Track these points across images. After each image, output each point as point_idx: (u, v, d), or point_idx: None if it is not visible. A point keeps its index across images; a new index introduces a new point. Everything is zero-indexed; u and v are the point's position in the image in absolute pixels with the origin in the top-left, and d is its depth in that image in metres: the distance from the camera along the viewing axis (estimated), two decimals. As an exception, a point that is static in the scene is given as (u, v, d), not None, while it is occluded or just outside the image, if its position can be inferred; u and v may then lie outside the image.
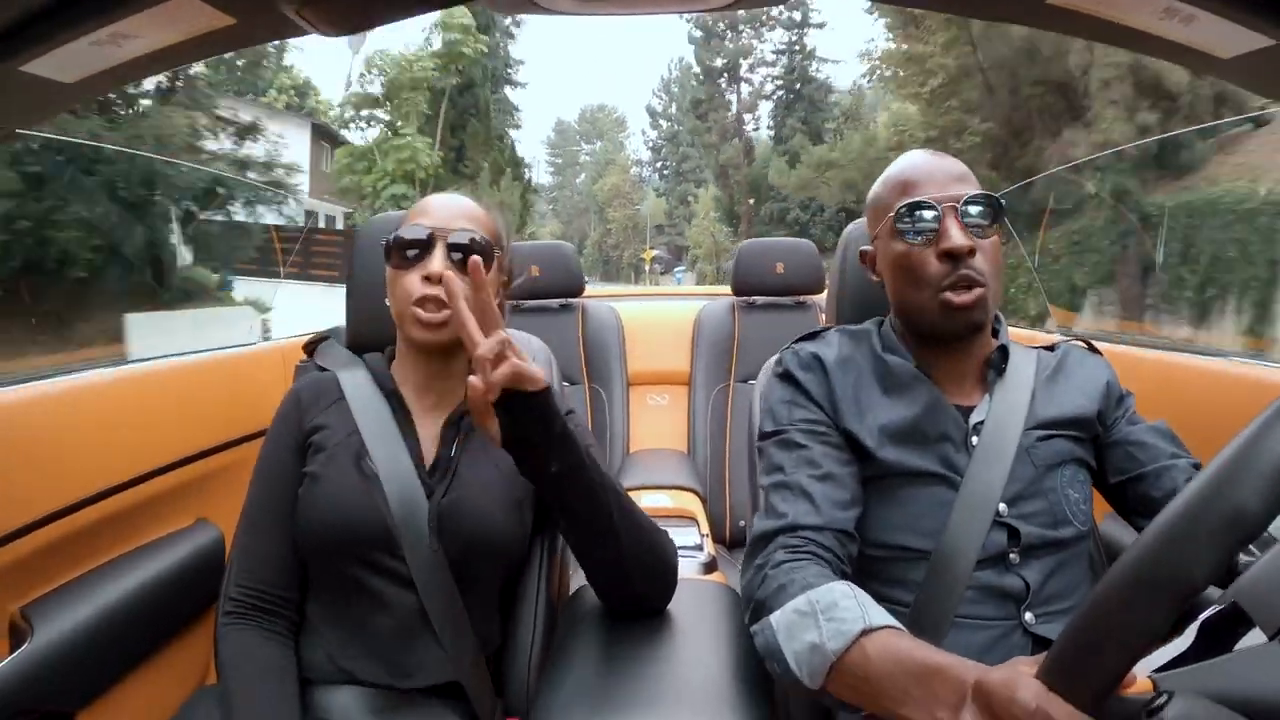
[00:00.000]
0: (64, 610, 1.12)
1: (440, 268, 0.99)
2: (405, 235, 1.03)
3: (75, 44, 0.60)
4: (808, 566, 0.86)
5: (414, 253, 1.02)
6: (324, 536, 1.00)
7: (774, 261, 2.66)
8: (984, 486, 0.93)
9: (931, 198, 0.96)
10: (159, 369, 1.47)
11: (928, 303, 0.97)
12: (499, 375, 0.80)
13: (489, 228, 1.08)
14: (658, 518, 1.04)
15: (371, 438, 1.03)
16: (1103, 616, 0.51)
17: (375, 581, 1.00)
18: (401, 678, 0.98)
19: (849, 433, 0.98)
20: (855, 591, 0.81)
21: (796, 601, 0.82)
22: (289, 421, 1.08)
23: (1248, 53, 0.63)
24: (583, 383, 2.67)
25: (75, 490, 1.16)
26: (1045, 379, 1.02)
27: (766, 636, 0.84)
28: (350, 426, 1.05)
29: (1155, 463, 0.97)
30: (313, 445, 1.06)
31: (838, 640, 0.76)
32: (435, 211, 1.05)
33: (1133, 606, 0.49)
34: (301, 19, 0.66)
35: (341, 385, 1.09)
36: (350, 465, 1.02)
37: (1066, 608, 0.92)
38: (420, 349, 1.05)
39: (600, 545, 0.97)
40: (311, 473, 1.03)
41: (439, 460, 1.05)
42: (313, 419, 1.07)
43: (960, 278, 0.94)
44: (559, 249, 2.76)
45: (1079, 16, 0.65)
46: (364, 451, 1.02)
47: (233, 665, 0.98)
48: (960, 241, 0.93)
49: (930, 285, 0.96)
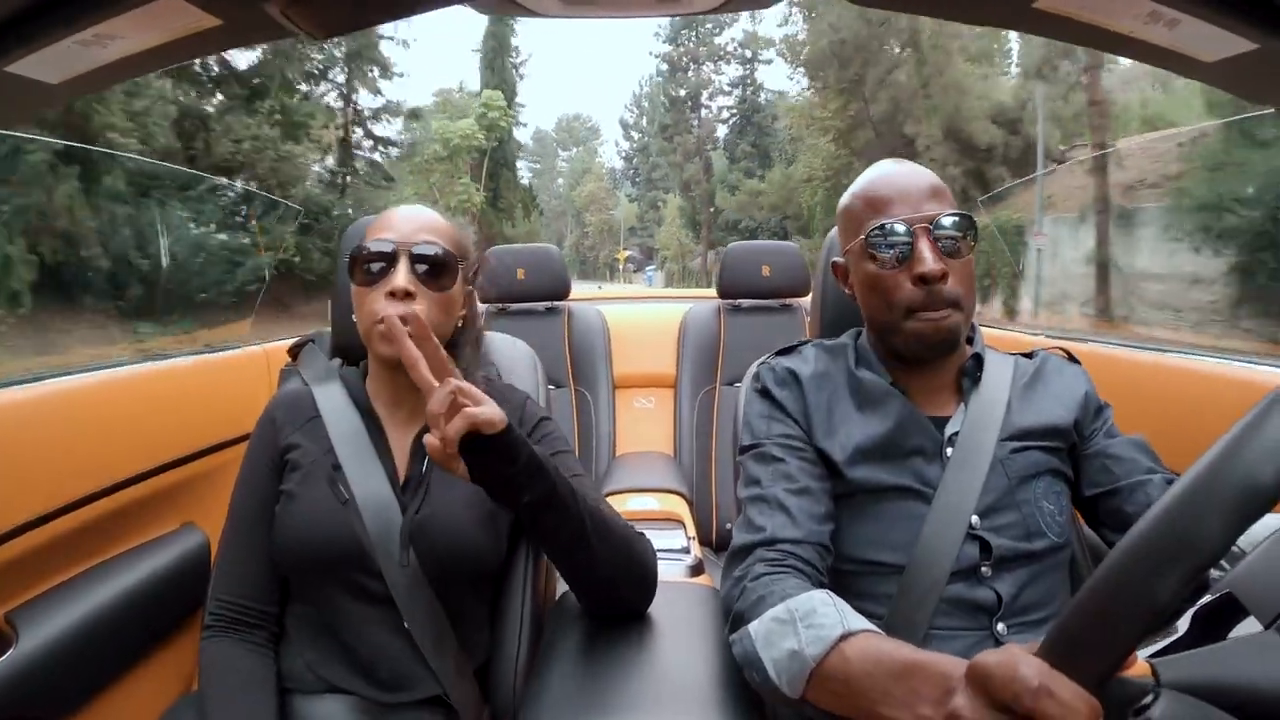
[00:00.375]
0: (49, 616, 1.11)
1: (404, 282, 0.99)
2: (369, 249, 1.02)
3: (60, 44, 0.60)
4: (786, 579, 0.86)
5: (379, 266, 1.01)
6: (301, 556, 1.00)
7: (760, 264, 2.66)
8: (957, 499, 0.93)
9: (904, 218, 0.94)
10: (144, 372, 1.46)
11: (899, 325, 0.96)
12: (453, 430, 0.79)
13: (452, 239, 1.06)
14: (643, 521, 1.05)
15: (346, 456, 1.03)
16: (1111, 589, 0.49)
17: (354, 599, 0.99)
18: (383, 692, 0.98)
19: (821, 450, 0.98)
20: (834, 599, 0.81)
21: (775, 610, 0.82)
22: (265, 440, 1.08)
23: (1230, 56, 0.63)
24: (569, 386, 2.67)
25: (60, 495, 1.15)
26: (1022, 387, 1.01)
27: (745, 645, 0.83)
28: (325, 444, 1.04)
29: (1130, 477, 0.96)
30: (288, 464, 1.05)
31: (817, 646, 0.76)
32: (398, 225, 1.04)
33: (1144, 577, 0.47)
34: (287, 20, 0.66)
35: (317, 402, 1.08)
36: (325, 485, 1.01)
37: (1040, 619, 0.92)
38: (387, 365, 1.04)
39: (576, 557, 0.97)
40: (287, 491, 1.03)
41: (410, 477, 1.05)
42: (287, 437, 1.07)
43: (932, 302, 0.93)
44: (545, 252, 2.75)
45: (1064, 21, 0.65)
46: (339, 470, 1.02)
47: (211, 676, 0.98)
48: (932, 266, 0.92)
49: (901, 308, 0.95)
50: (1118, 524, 0.96)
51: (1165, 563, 0.47)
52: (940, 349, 0.97)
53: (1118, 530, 0.96)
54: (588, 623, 1.06)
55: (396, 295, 0.99)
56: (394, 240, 1.02)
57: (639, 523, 1.05)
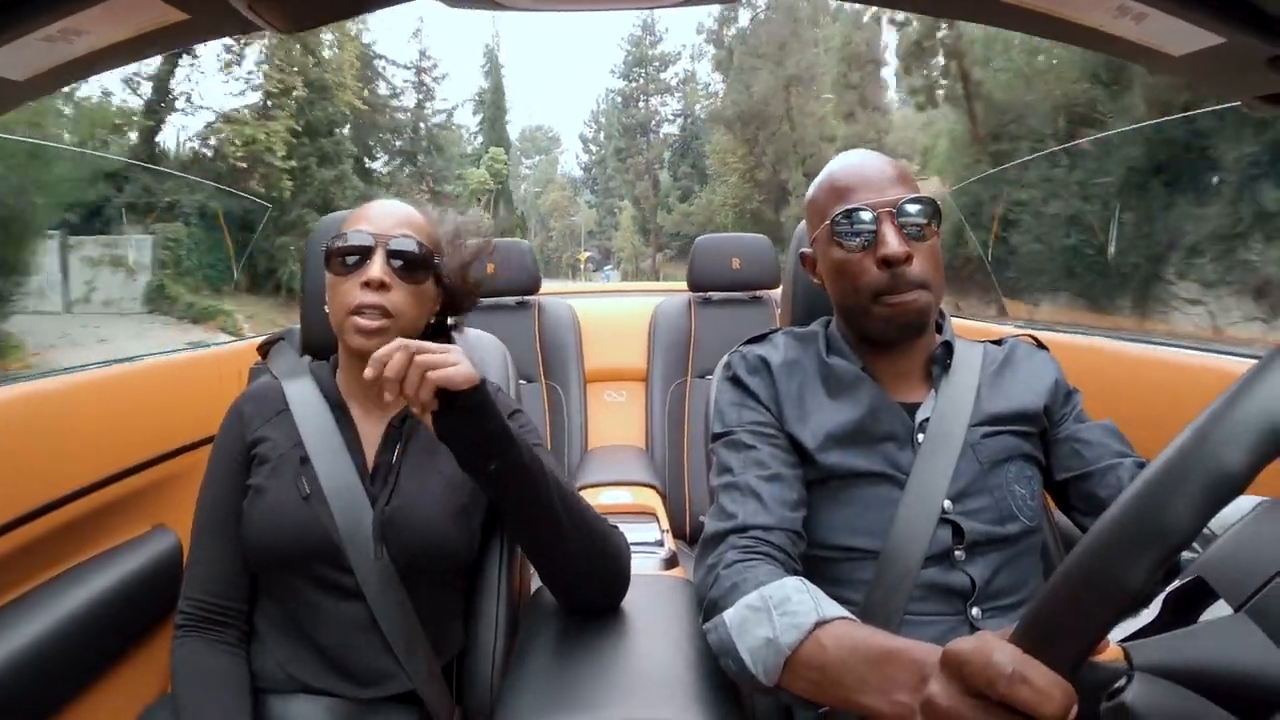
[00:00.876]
0: (18, 624, 1.10)
1: (379, 273, 1.00)
2: (345, 242, 1.02)
3: (24, 40, 0.59)
4: (759, 566, 0.87)
5: (354, 259, 1.01)
6: (269, 550, 0.99)
7: (729, 257, 2.68)
8: (929, 484, 0.93)
9: (867, 203, 0.96)
10: (111, 373, 1.43)
11: (867, 308, 0.97)
12: (425, 394, 0.80)
13: (428, 235, 1.07)
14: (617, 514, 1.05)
15: (315, 449, 1.02)
16: (1083, 574, 0.49)
17: (324, 595, 0.99)
18: (355, 689, 0.97)
19: (792, 436, 0.99)
20: (808, 586, 0.82)
21: (749, 598, 0.82)
22: (232, 434, 1.07)
23: (1198, 50, 0.64)
24: (540, 380, 2.67)
25: (27, 500, 1.13)
26: (991, 374, 1.02)
27: (720, 634, 0.84)
28: (294, 438, 1.04)
29: (1101, 461, 0.97)
30: (256, 457, 1.04)
31: (791, 634, 0.76)
32: (376, 218, 1.04)
33: (1116, 562, 0.47)
34: (255, 14, 0.66)
35: (286, 395, 1.08)
36: (293, 478, 1.01)
37: (1014, 602, 0.94)
38: (360, 356, 1.03)
39: (548, 545, 0.97)
40: (255, 485, 1.02)
41: (378, 467, 1.04)
42: (255, 430, 1.06)
43: (898, 283, 0.94)
44: (515, 246, 2.74)
45: (1035, 15, 0.66)
46: (308, 463, 1.01)
47: (183, 676, 0.97)
48: (897, 249, 0.93)
49: (868, 291, 0.96)
50: (1089, 507, 0.98)
51: (1136, 548, 0.46)
52: (909, 330, 0.98)
53: (1089, 514, 0.98)
54: (563, 618, 1.06)
55: (371, 285, 1.00)
56: (370, 233, 1.02)
57: (612, 516, 1.05)
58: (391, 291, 1.01)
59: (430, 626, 1.02)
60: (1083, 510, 0.99)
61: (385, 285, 1.00)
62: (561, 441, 2.62)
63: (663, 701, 0.87)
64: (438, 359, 0.81)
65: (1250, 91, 0.70)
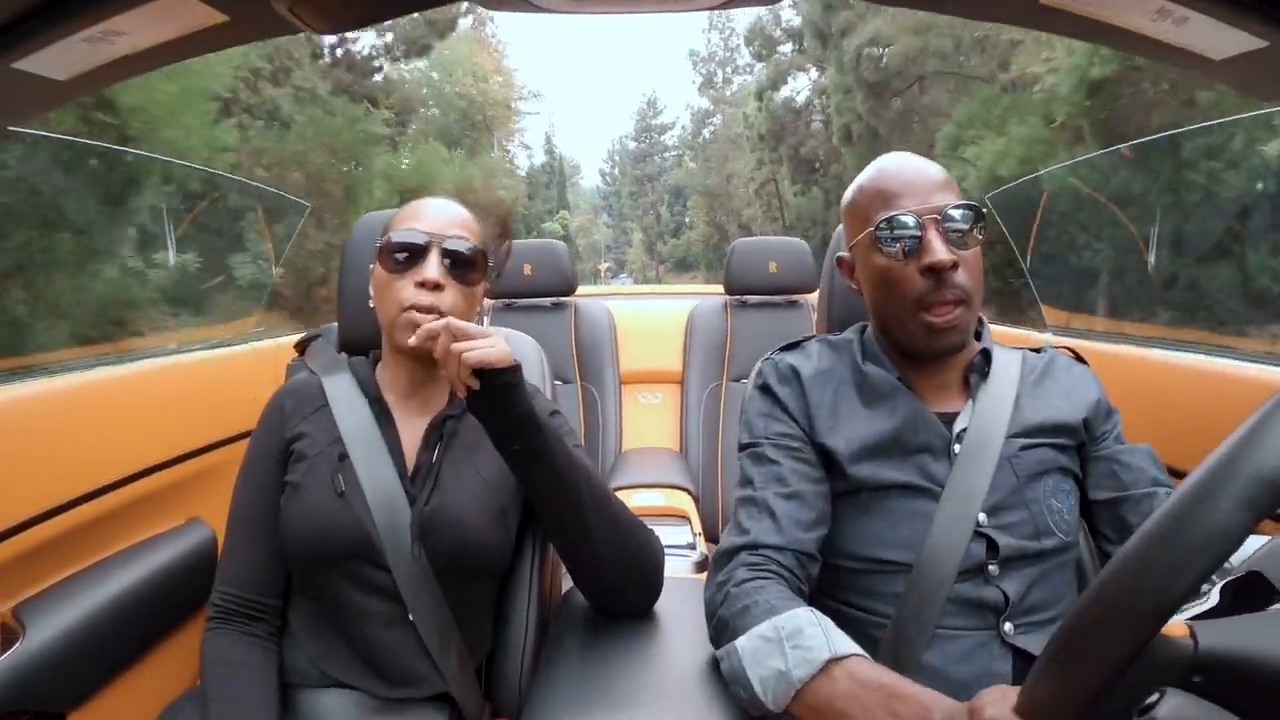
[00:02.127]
0: (56, 610, 1.12)
1: (435, 274, 0.99)
2: (400, 239, 1.01)
3: (68, 40, 0.60)
4: (770, 587, 0.87)
5: (406, 256, 1.01)
6: (306, 547, 0.98)
7: (767, 260, 2.66)
8: (965, 497, 0.91)
9: (912, 210, 0.93)
10: (151, 368, 1.46)
11: (908, 320, 0.94)
12: (462, 373, 0.86)
13: (479, 236, 1.06)
14: (650, 517, 1.04)
15: (354, 446, 1.01)
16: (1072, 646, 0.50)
17: (359, 593, 0.98)
18: (387, 688, 0.97)
19: (823, 447, 0.97)
20: (820, 619, 0.82)
21: (761, 628, 0.82)
22: (271, 429, 1.06)
23: (1239, 54, 0.63)
24: (575, 382, 2.67)
25: (67, 489, 1.16)
26: (1031, 383, 0.99)
27: (732, 663, 0.84)
28: (333, 434, 1.03)
29: (1138, 487, 0.95)
30: (294, 453, 1.03)
31: (804, 668, 0.77)
32: (432, 217, 1.03)
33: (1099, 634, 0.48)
34: (294, 17, 0.66)
35: (326, 391, 1.07)
36: (332, 475, 1.00)
37: (1048, 618, 0.91)
38: (405, 354, 1.04)
39: (576, 539, 0.97)
40: (293, 481, 1.01)
41: (419, 466, 1.03)
42: (295, 426, 1.05)
43: (942, 295, 0.92)
44: (551, 247, 2.75)
45: (1072, 18, 0.65)
46: (346, 460, 1.00)
47: (212, 668, 0.97)
48: (943, 256, 0.90)
49: (911, 301, 0.93)
50: (1118, 533, 0.95)
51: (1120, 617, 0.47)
52: (948, 347, 0.96)
53: (1117, 539, 0.95)
54: (593, 619, 1.06)
55: (426, 286, 0.99)
56: (426, 232, 1.01)
57: (645, 518, 1.04)
58: (445, 291, 1.00)
59: (464, 627, 1.02)
60: (1110, 537, 0.97)
61: (440, 285, 0.99)
62: (596, 443, 2.62)
63: (690, 706, 0.86)
64: (477, 342, 0.86)
65: None
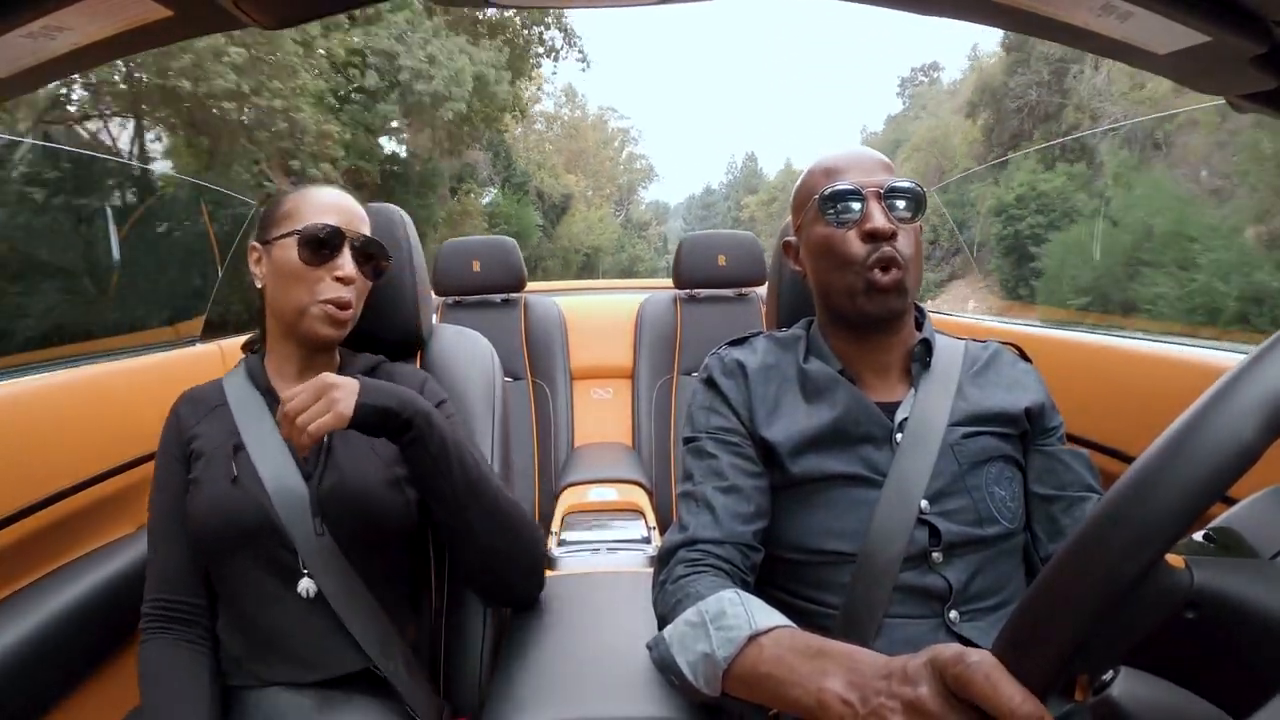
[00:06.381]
0: (8, 624, 1.08)
1: (352, 270, 1.04)
2: (316, 232, 1.03)
3: (8, 37, 0.58)
4: (702, 578, 0.87)
5: (321, 249, 1.04)
6: (211, 535, 1.00)
7: (716, 253, 2.68)
8: (907, 484, 0.92)
9: (855, 183, 0.96)
10: (97, 372, 1.42)
11: (851, 283, 0.96)
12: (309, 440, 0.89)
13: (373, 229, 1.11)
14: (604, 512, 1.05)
15: (249, 435, 1.04)
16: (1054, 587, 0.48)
17: (271, 577, 1.00)
18: (309, 671, 0.98)
19: (764, 440, 0.98)
20: (742, 598, 0.81)
21: (688, 614, 0.83)
22: (170, 437, 1.09)
23: (1182, 49, 0.64)
24: (526, 378, 2.66)
25: (10, 501, 1.12)
26: (973, 373, 1.01)
27: (660, 651, 0.84)
28: (229, 429, 1.05)
29: (1073, 490, 0.97)
30: (193, 453, 1.06)
31: (727, 648, 0.77)
32: (343, 209, 1.07)
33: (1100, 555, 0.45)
34: (239, 11, 0.66)
35: (225, 389, 1.10)
36: (228, 465, 1.02)
37: (992, 605, 0.92)
38: (317, 344, 1.07)
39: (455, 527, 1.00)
40: (194, 478, 1.04)
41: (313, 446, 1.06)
42: (191, 429, 1.08)
43: (882, 257, 0.94)
44: (499, 243, 2.73)
45: (1019, 13, 0.66)
46: (242, 450, 1.03)
47: (147, 676, 0.98)
48: (883, 223, 0.93)
49: (853, 265, 0.95)
50: (1048, 532, 0.97)
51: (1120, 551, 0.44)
52: (889, 312, 0.96)
53: (1050, 539, 0.97)
54: (551, 615, 1.07)
55: (345, 281, 1.03)
56: (341, 227, 1.04)
57: (600, 514, 1.06)
58: (354, 284, 1.05)
59: (381, 599, 1.03)
60: (1039, 535, 0.98)
61: (351, 280, 1.04)
62: (548, 439, 2.61)
63: (650, 695, 0.88)
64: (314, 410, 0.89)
65: (1234, 90, 0.71)
